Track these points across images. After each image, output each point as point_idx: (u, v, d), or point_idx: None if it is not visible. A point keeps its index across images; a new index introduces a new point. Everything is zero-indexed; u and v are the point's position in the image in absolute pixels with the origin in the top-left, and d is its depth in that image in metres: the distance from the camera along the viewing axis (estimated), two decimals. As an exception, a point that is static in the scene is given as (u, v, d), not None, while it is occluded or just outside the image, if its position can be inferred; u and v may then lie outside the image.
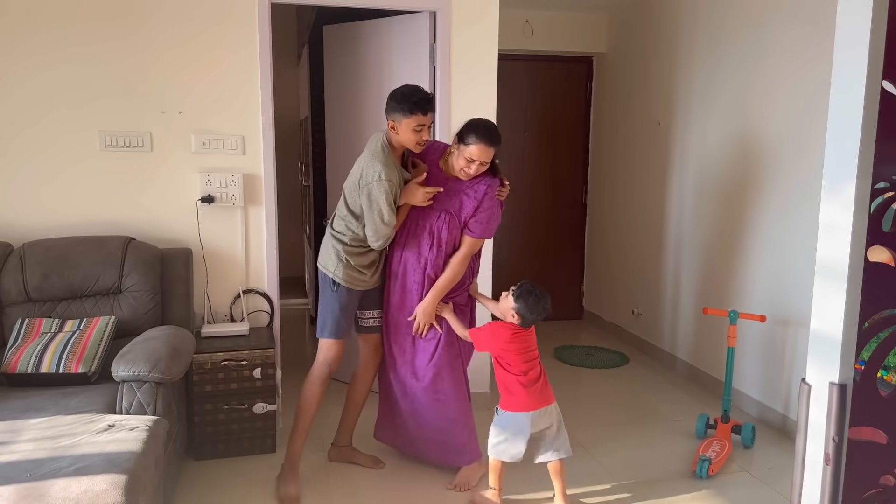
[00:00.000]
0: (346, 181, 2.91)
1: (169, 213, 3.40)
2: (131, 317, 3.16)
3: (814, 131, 3.45)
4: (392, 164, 2.78)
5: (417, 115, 2.70)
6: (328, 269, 2.94)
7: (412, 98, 2.70)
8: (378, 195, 2.73)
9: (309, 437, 3.44)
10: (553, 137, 5.75)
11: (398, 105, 2.71)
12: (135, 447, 2.23)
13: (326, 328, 2.98)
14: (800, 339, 3.58)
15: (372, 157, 2.78)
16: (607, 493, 3.03)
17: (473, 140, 2.74)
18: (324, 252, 2.99)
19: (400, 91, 2.75)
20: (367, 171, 2.77)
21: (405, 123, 2.72)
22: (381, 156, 2.77)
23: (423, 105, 2.71)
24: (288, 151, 6.86)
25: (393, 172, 2.76)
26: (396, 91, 2.75)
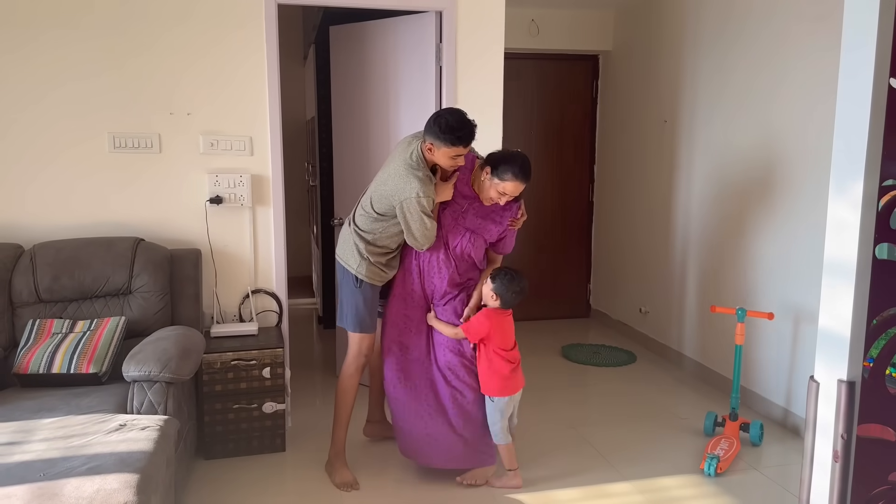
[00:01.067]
0: (376, 183, 2.88)
1: (178, 214, 3.42)
2: (141, 317, 3.18)
3: (821, 128, 3.44)
4: (428, 179, 2.75)
5: (459, 147, 2.69)
6: (350, 266, 2.97)
7: (458, 133, 2.65)
8: (416, 211, 2.73)
9: (313, 434, 3.49)
10: (559, 136, 5.75)
11: (442, 135, 2.65)
12: (146, 447, 2.25)
13: (350, 322, 3.02)
14: (806, 336, 3.58)
15: (408, 171, 2.73)
16: (616, 493, 3.03)
17: (510, 177, 2.75)
18: (344, 247, 3.01)
19: (446, 121, 2.66)
20: (402, 185, 2.73)
21: (444, 151, 2.69)
22: (417, 170, 2.73)
23: (467, 140, 2.69)
24: (295, 151, 6.88)
25: (430, 188, 2.74)
26: (442, 119, 2.66)
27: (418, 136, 2.85)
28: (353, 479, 3.04)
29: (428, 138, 2.71)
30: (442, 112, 2.71)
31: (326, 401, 4.05)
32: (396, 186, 2.76)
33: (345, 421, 3.10)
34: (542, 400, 4.03)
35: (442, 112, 2.71)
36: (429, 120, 2.72)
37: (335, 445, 3.11)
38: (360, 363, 3.08)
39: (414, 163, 2.75)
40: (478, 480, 3.05)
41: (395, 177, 2.78)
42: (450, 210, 2.94)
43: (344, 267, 3.00)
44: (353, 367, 3.07)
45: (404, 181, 2.73)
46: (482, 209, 2.95)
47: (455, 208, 2.94)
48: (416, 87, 3.78)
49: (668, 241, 4.82)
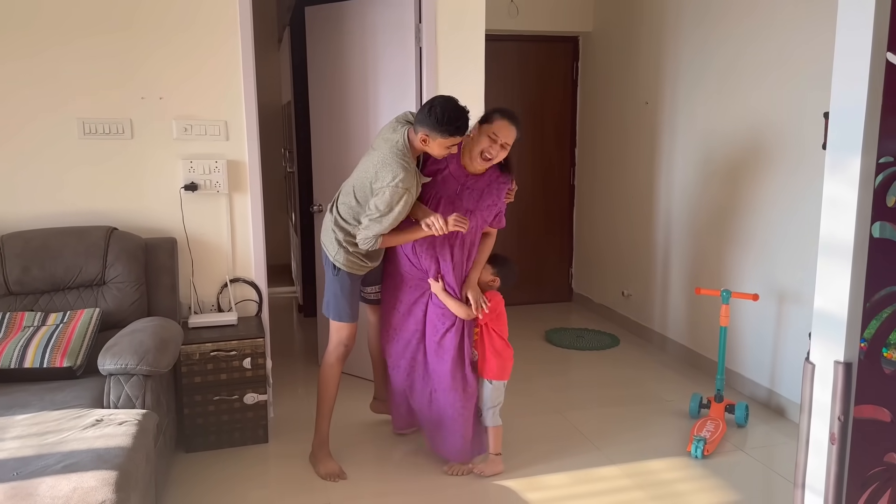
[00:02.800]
0: (359, 171, 2.80)
1: (152, 202, 3.32)
2: (116, 308, 3.09)
3: (808, 108, 3.42)
4: (413, 170, 2.66)
5: (456, 136, 2.63)
6: (329, 253, 2.91)
7: (457, 122, 2.59)
8: (393, 201, 2.62)
9: (296, 425, 3.43)
10: (540, 119, 5.70)
11: (439, 126, 2.58)
12: (124, 442, 2.18)
13: (331, 310, 2.98)
14: (790, 316, 3.58)
15: (394, 159, 2.64)
16: (603, 477, 3.01)
17: (497, 116, 2.72)
18: (325, 233, 2.94)
19: (442, 111, 2.57)
20: (383, 173, 2.64)
21: (440, 141, 2.62)
22: (401, 159, 2.64)
23: (464, 129, 2.63)
24: (271, 137, 6.76)
25: (412, 179, 2.65)
26: (437, 109, 2.58)
27: (402, 122, 2.77)
28: (339, 470, 3.00)
29: (422, 129, 2.62)
30: (435, 102, 2.62)
31: (309, 391, 3.98)
32: (379, 173, 2.67)
33: (327, 411, 3.05)
34: (527, 385, 4.00)
35: (435, 102, 2.62)
36: (421, 110, 2.64)
37: (318, 436, 3.06)
38: (340, 353, 3.02)
39: (400, 151, 2.66)
40: (464, 471, 3.01)
41: (379, 163, 2.68)
42: (444, 195, 2.86)
43: (325, 253, 2.95)
44: (332, 356, 3.02)
45: (388, 168, 2.64)
46: (476, 189, 2.88)
47: (449, 192, 2.86)
48: (395, 68, 3.70)
49: (651, 223, 4.80)
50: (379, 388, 3.42)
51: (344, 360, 3.04)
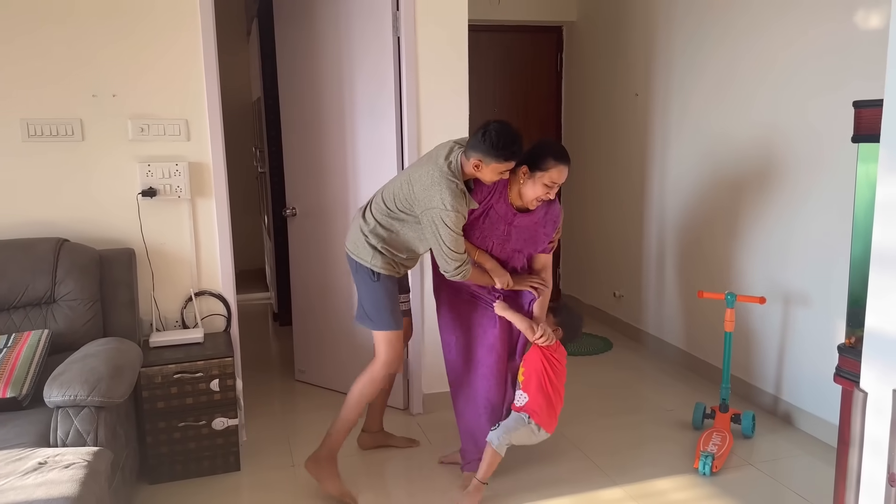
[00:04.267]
0: (402, 181, 2.65)
1: (106, 210, 3.02)
2: (68, 329, 2.79)
3: (815, 101, 3.21)
4: (461, 194, 2.54)
5: (511, 161, 2.53)
6: (363, 259, 2.70)
7: (513, 147, 2.50)
8: (440, 225, 2.52)
9: (271, 449, 3.17)
10: (524, 112, 5.45)
11: (494, 152, 2.48)
12: (69, 490, 1.89)
13: (376, 320, 2.76)
14: (797, 320, 3.38)
15: (441, 178, 2.52)
16: (608, 501, 2.78)
17: (552, 164, 2.59)
18: (355, 240, 2.74)
19: (497, 135, 2.48)
20: (432, 194, 2.52)
21: (494, 167, 2.52)
22: (452, 180, 2.52)
23: (519, 154, 2.54)
24: (240, 136, 6.44)
25: (461, 202, 2.54)
26: (492, 133, 2.48)
27: (459, 144, 2.64)
28: (350, 494, 2.75)
29: (475, 154, 2.52)
30: (489, 127, 2.51)
31: (286, 407, 3.71)
32: (426, 193, 2.54)
33: (350, 428, 2.83)
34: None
35: (489, 127, 2.51)
36: (474, 135, 2.53)
37: (329, 448, 2.80)
38: (394, 368, 2.81)
39: (451, 172, 2.54)
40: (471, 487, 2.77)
41: (426, 181, 2.54)
42: (493, 238, 2.76)
43: (356, 261, 2.72)
44: (382, 372, 2.79)
45: (435, 189, 2.51)
46: (525, 227, 2.76)
47: (498, 234, 2.75)
48: (371, 60, 3.43)
49: (643, 221, 4.58)
50: (372, 420, 3.22)
51: (394, 377, 2.86)
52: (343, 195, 3.65)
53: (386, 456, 3.17)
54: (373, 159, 3.50)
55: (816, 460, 3.07)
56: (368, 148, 3.51)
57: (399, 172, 2.76)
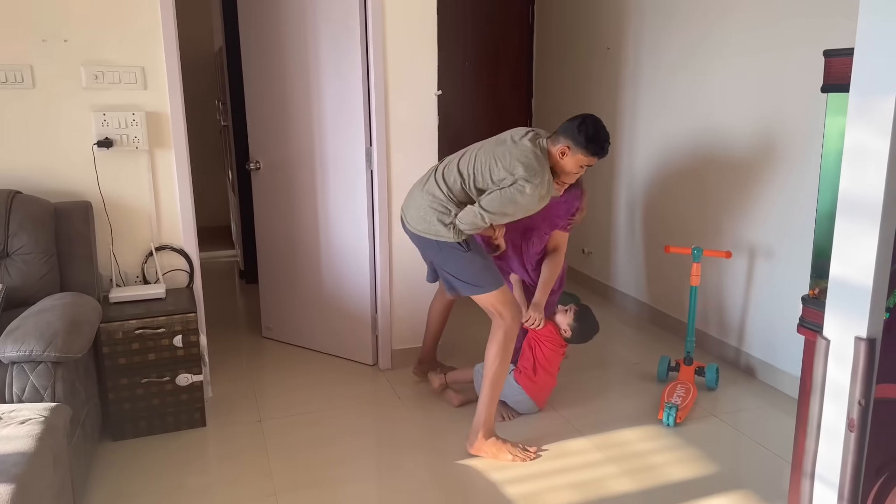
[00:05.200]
0: (483, 162, 2.62)
1: (60, 161, 2.91)
2: (23, 284, 2.70)
3: (789, 53, 3.19)
4: (548, 175, 2.59)
5: (597, 158, 2.63)
6: (444, 236, 2.67)
7: (605, 144, 2.60)
8: (520, 200, 2.55)
9: (237, 404, 3.15)
10: (494, 67, 5.36)
11: (587, 144, 2.57)
12: (25, 446, 1.85)
13: (488, 281, 2.71)
14: (759, 273, 3.41)
15: (537, 162, 2.55)
16: (573, 451, 2.81)
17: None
18: (424, 222, 2.69)
19: (594, 128, 2.57)
20: (536, 168, 2.54)
21: (579, 158, 2.61)
22: (542, 160, 2.57)
23: (606, 152, 2.64)
24: (203, 88, 6.26)
25: (548, 186, 2.58)
26: (589, 125, 2.57)
27: (538, 134, 2.68)
28: (527, 449, 2.77)
29: (565, 141, 2.59)
30: (587, 120, 2.59)
31: (253, 364, 3.68)
32: (528, 162, 2.55)
33: (497, 400, 2.80)
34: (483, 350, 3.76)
35: (587, 120, 2.59)
36: (569, 125, 2.60)
37: (488, 428, 2.75)
38: (519, 319, 2.80)
39: (542, 157, 2.59)
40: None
41: (521, 157, 2.56)
42: None
43: (436, 241, 2.68)
44: (515, 329, 2.75)
45: (538, 166, 2.55)
46: (546, 211, 2.86)
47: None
48: (337, 8, 3.31)
49: (612, 178, 4.57)
50: (427, 350, 3.40)
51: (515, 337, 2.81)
52: (308, 148, 3.56)
53: (359, 411, 3.16)
54: (339, 111, 3.42)
55: (777, 411, 3.13)
56: (334, 99, 3.42)
57: (466, 150, 2.74)
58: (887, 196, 1.33)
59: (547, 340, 3.02)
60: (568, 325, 3.03)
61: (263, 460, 2.74)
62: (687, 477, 2.62)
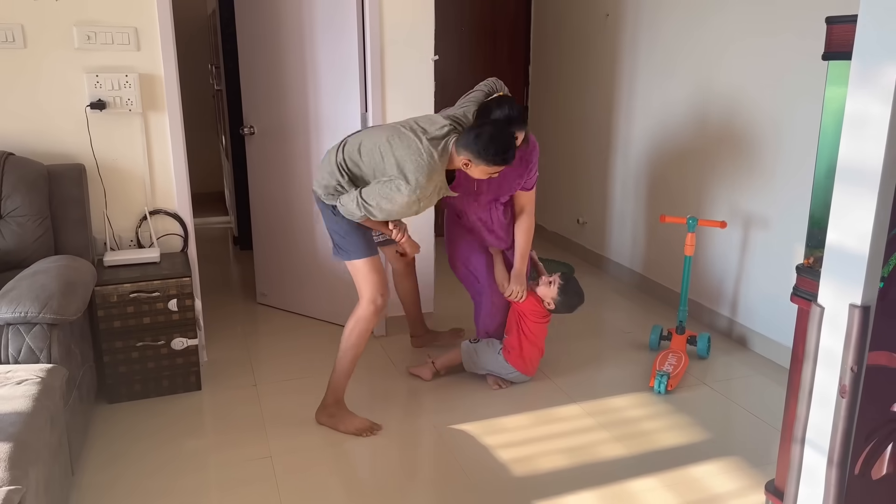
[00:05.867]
0: (379, 138, 2.50)
1: (53, 123, 2.87)
2: (17, 247, 2.69)
3: (786, 22, 3.16)
4: (436, 184, 2.46)
5: (501, 166, 2.48)
6: (322, 195, 2.62)
7: (505, 154, 2.44)
8: (394, 193, 2.41)
9: (233, 369, 3.17)
10: (492, 34, 5.30)
11: (485, 155, 2.42)
12: (22, 406, 1.86)
13: (348, 251, 2.66)
14: (753, 243, 3.43)
15: (427, 164, 2.40)
16: (565, 417, 2.84)
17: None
18: (320, 178, 2.62)
19: (490, 140, 2.40)
20: (406, 166, 2.40)
21: (482, 168, 2.47)
22: (431, 170, 2.41)
23: (511, 158, 2.48)
24: (196, 51, 6.17)
25: (432, 194, 2.47)
26: (484, 137, 2.41)
27: (454, 122, 2.52)
28: (370, 422, 2.72)
29: (466, 153, 2.45)
30: (483, 131, 2.43)
31: (248, 329, 3.69)
32: (401, 163, 2.41)
33: (350, 372, 2.73)
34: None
35: (483, 131, 2.43)
36: (467, 136, 2.44)
37: (334, 394, 2.74)
38: (380, 301, 2.65)
39: (435, 162, 2.42)
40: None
41: (406, 155, 2.42)
42: (465, 193, 2.86)
43: (318, 196, 2.63)
44: (369, 309, 2.65)
45: (413, 171, 2.39)
46: (497, 178, 2.70)
47: (469, 191, 2.86)
48: (333, -30, 3.26)
49: (609, 147, 4.56)
50: (414, 326, 3.42)
51: (382, 311, 2.68)
52: (303, 112, 3.53)
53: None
54: (333, 75, 3.38)
55: (768, 380, 3.17)
56: (329, 64, 3.38)
57: (381, 126, 2.62)
58: (886, 164, 1.33)
59: (531, 314, 2.99)
60: (552, 299, 2.98)
61: (259, 424, 2.76)
62: (677, 443, 2.65)
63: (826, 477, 1.51)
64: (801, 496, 1.55)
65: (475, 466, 2.49)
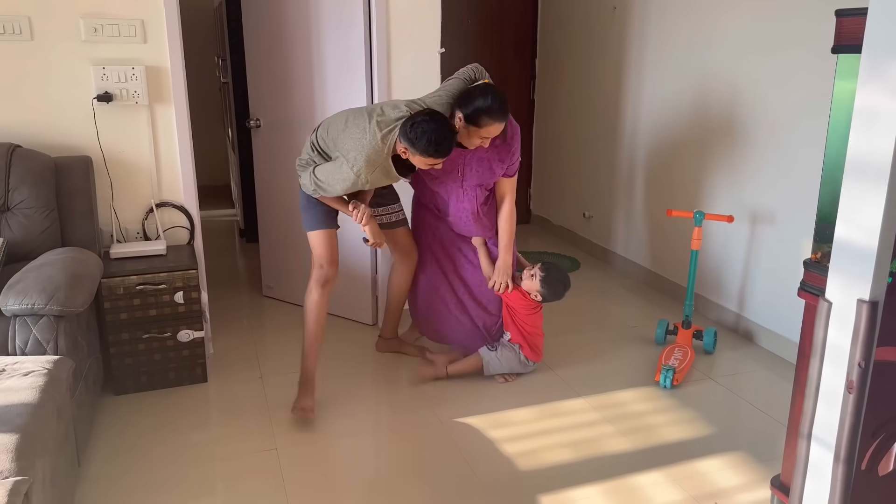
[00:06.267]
0: (343, 120, 2.60)
1: (60, 115, 2.88)
2: (24, 238, 2.70)
3: (794, 18, 3.14)
4: (376, 167, 2.53)
5: (435, 158, 2.50)
6: (297, 171, 2.72)
7: (440, 147, 2.46)
8: (336, 174, 2.55)
9: (238, 361, 3.17)
10: (498, 28, 5.29)
11: (418, 146, 2.45)
12: (28, 397, 1.86)
13: (307, 220, 2.79)
14: (760, 238, 3.41)
15: (370, 148, 2.49)
16: (570, 410, 2.84)
17: (485, 120, 2.57)
18: (301, 154, 2.75)
19: (423, 132, 2.43)
20: (352, 148, 2.51)
21: (419, 159, 2.51)
22: (374, 155, 2.50)
23: (446, 152, 2.50)
24: (202, 44, 6.17)
25: (368, 174, 2.53)
26: (418, 128, 2.43)
27: (401, 113, 2.54)
28: (311, 407, 2.73)
29: (403, 142, 2.49)
30: (417, 122, 2.45)
31: (253, 322, 3.70)
32: (349, 145, 2.52)
33: (311, 346, 2.78)
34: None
35: (417, 122, 2.45)
36: (405, 124, 2.47)
37: (302, 374, 2.80)
38: (319, 276, 2.76)
39: (377, 149, 2.50)
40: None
41: (357, 138, 2.52)
42: (449, 180, 2.84)
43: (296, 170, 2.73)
44: (316, 273, 2.77)
45: (358, 152, 2.50)
46: (477, 162, 2.79)
47: (453, 176, 2.83)
48: (339, -38, 3.25)
49: (615, 141, 4.54)
50: (386, 327, 3.31)
51: (325, 286, 2.76)
52: (309, 106, 3.52)
53: (353, 371, 3.18)
54: (340, 68, 3.37)
55: (774, 375, 3.16)
56: (335, 57, 3.37)
57: (353, 108, 2.68)
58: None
59: (521, 308, 3.01)
60: (537, 291, 2.97)
61: (264, 416, 2.76)
62: (683, 438, 2.65)
63: (832, 473, 1.50)
64: (807, 492, 1.54)
65: (480, 460, 2.50)
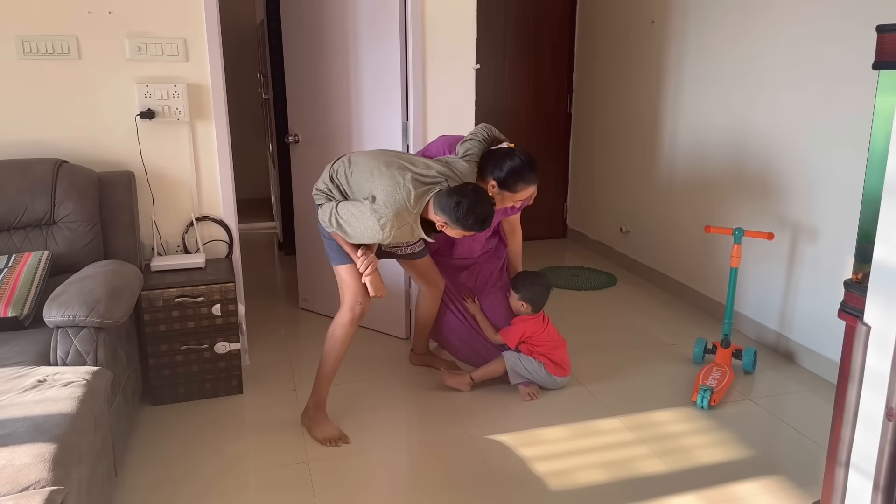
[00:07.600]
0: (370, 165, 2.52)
1: (104, 131, 2.97)
2: (68, 251, 2.78)
3: (837, 30, 3.07)
4: (403, 220, 2.44)
5: (478, 232, 2.49)
6: (314, 197, 2.69)
7: (482, 224, 2.44)
8: (361, 220, 2.44)
9: (274, 373, 3.21)
10: (535, 41, 5.29)
11: (464, 223, 2.41)
12: (67, 408, 1.91)
13: (333, 256, 2.72)
14: (801, 256, 3.33)
15: (402, 207, 2.41)
16: (604, 430, 2.80)
17: (521, 186, 2.64)
18: (319, 180, 2.70)
19: (469, 210, 2.39)
20: (383, 200, 2.41)
21: (457, 231, 2.48)
22: (404, 203, 2.41)
23: (489, 224, 2.47)
24: (244, 61, 6.30)
25: (393, 231, 2.44)
26: (464, 206, 2.38)
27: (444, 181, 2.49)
28: (339, 433, 2.72)
29: (443, 216, 2.44)
30: (463, 200, 2.40)
31: (290, 334, 3.74)
32: (380, 195, 2.42)
33: (330, 374, 2.76)
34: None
35: (463, 200, 2.40)
36: (449, 199, 2.41)
37: (316, 397, 2.77)
38: (357, 313, 2.69)
39: (410, 208, 2.42)
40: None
41: (389, 190, 2.42)
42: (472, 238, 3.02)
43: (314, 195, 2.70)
44: (347, 316, 2.70)
45: (390, 206, 2.40)
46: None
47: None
48: (376, -20, 3.29)
49: (653, 155, 4.49)
50: (417, 343, 3.34)
51: (359, 320, 2.72)
52: (346, 122, 3.57)
53: (380, 384, 3.20)
54: (376, 84, 3.41)
55: (816, 397, 3.07)
56: (372, 73, 3.41)
57: (383, 151, 2.63)
58: (937, 178, 1.28)
59: (531, 332, 3.02)
60: (523, 306, 3.03)
61: (298, 428, 2.79)
62: (720, 460, 2.59)
63: (871, 502, 1.45)
64: (844, 521, 1.50)
65: (511, 478, 2.47)
